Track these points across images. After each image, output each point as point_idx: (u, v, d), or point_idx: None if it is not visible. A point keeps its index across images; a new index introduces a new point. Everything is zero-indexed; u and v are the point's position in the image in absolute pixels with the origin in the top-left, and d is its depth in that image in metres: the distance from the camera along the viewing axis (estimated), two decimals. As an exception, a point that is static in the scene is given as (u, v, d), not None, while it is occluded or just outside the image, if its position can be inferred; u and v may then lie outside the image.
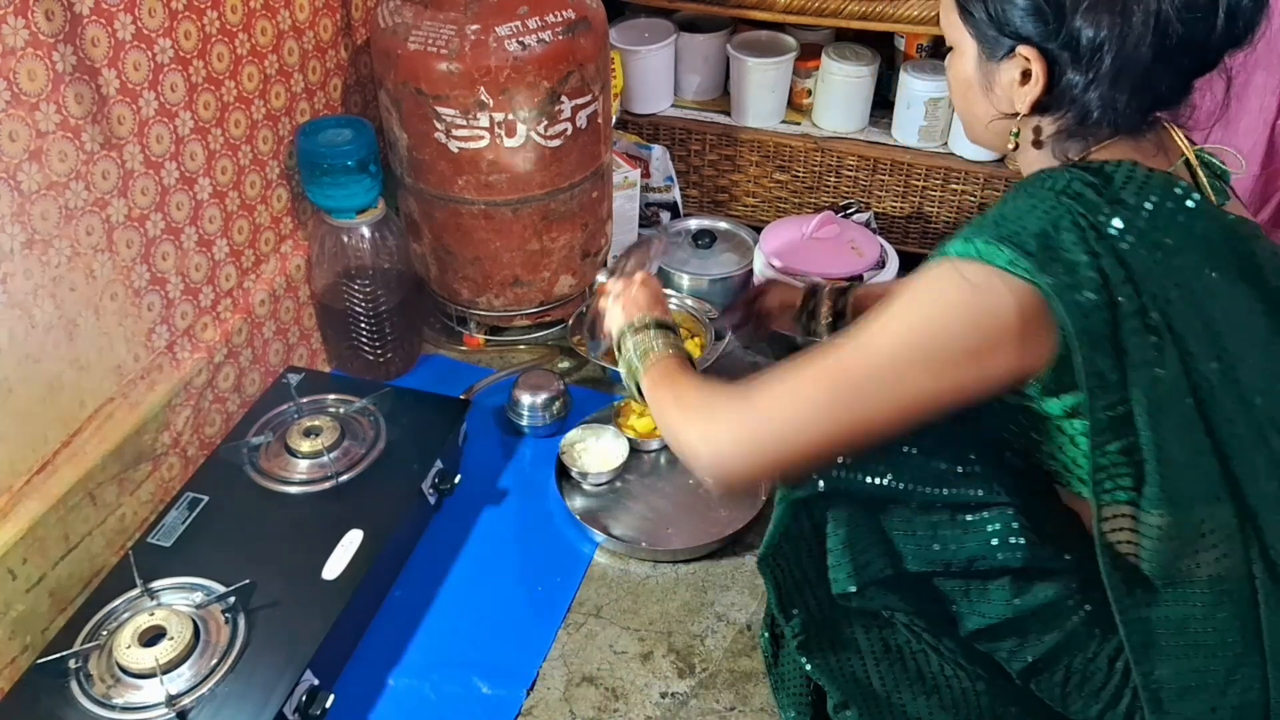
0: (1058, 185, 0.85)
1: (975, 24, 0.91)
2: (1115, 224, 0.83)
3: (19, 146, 1.09)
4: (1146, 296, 0.82)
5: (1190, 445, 0.85)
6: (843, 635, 1.07)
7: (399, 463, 1.38)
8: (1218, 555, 0.88)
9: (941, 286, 0.84)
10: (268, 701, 1.08)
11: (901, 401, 0.85)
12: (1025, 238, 0.82)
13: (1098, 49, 0.83)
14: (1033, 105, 0.90)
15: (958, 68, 0.97)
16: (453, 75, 1.45)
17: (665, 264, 1.86)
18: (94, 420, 1.28)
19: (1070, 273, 0.81)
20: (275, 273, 1.56)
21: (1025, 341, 0.83)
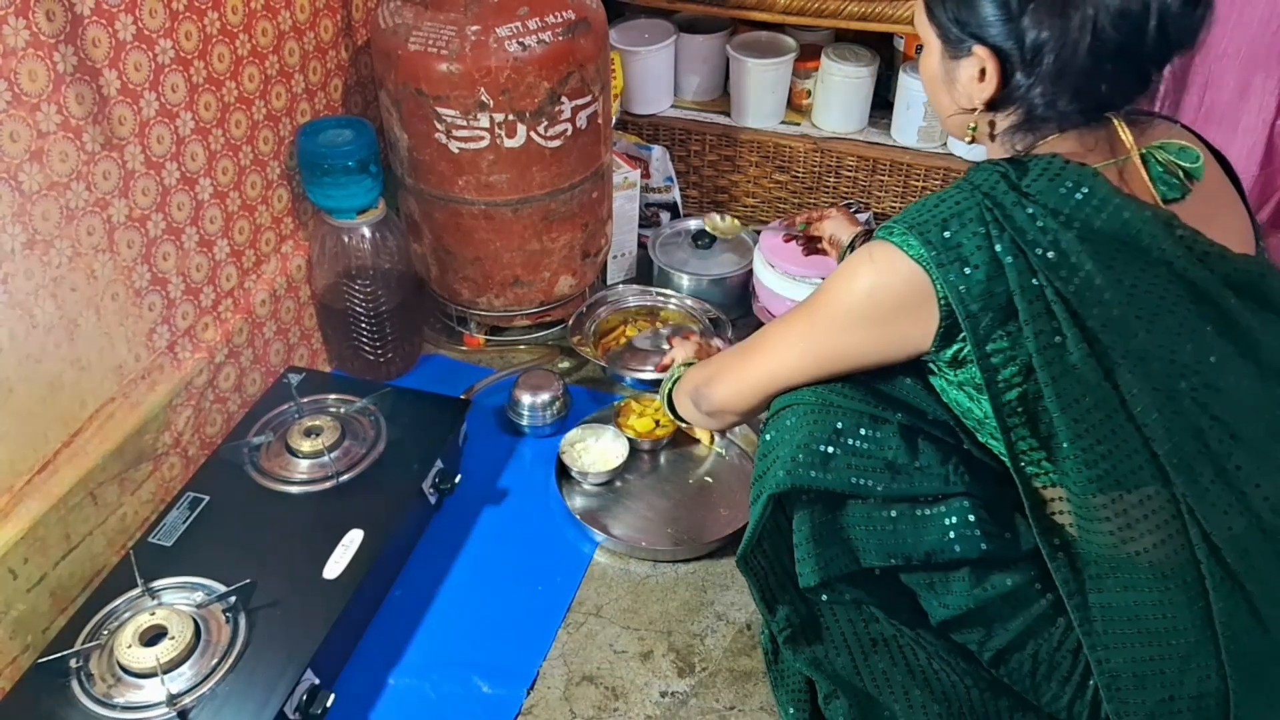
0: (976, 178, 0.94)
1: (939, 24, 0.99)
2: (1019, 217, 0.89)
3: (20, 147, 1.09)
4: (1046, 285, 0.89)
5: (1109, 429, 0.90)
6: (828, 629, 1.10)
7: (399, 463, 1.39)
8: (1157, 539, 0.91)
9: (854, 265, 0.98)
10: (268, 701, 1.09)
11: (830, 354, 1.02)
12: (928, 226, 0.92)
13: (1040, 50, 0.90)
14: (987, 101, 0.97)
15: (926, 64, 1.04)
16: (453, 76, 1.45)
17: (665, 264, 1.86)
18: (95, 420, 1.28)
19: (960, 256, 0.90)
20: (276, 273, 1.56)
21: (916, 313, 0.94)
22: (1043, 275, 0.88)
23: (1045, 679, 1.01)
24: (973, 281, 0.89)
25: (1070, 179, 0.90)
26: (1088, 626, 0.94)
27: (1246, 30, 1.38)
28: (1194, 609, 0.91)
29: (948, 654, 1.07)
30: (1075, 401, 0.89)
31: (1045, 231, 0.88)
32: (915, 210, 0.94)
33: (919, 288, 0.92)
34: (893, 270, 0.93)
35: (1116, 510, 0.91)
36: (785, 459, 1.01)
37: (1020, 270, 0.89)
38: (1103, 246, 0.88)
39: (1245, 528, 0.91)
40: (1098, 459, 0.90)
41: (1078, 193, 0.90)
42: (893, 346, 0.98)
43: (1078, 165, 0.91)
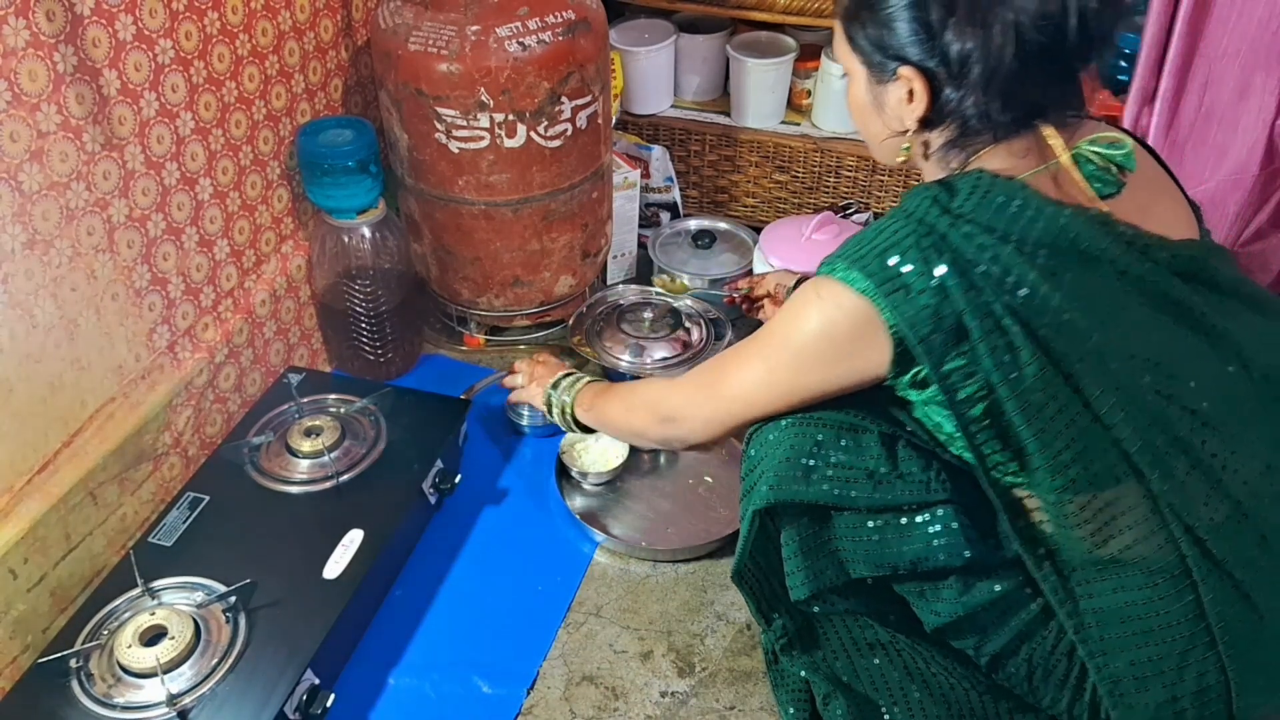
0: (910, 205, 0.93)
1: (861, 50, 0.99)
2: (954, 237, 0.90)
3: (20, 147, 1.09)
4: (992, 300, 0.88)
5: (1075, 434, 0.90)
6: (825, 636, 1.10)
7: (399, 463, 1.39)
8: (1138, 536, 0.92)
9: (802, 304, 0.98)
10: (268, 701, 1.09)
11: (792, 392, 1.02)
12: (869, 259, 0.92)
13: (965, 62, 0.90)
14: (919, 121, 0.97)
15: (852, 93, 1.04)
16: (453, 76, 1.45)
17: (665, 264, 1.86)
18: (95, 420, 1.28)
19: (903, 285, 0.90)
20: (276, 273, 1.56)
21: (868, 344, 0.94)
22: (988, 291, 0.88)
23: (1043, 682, 1.01)
24: (919, 307, 0.90)
25: (1000, 193, 0.90)
26: (1083, 633, 0.94)
27: (1246, 30, 1.38)
28: (1184, 603, 0.91)
29: (945, 658, 1.07)
30: (1038, 412, 0.89)
31: (984, 249, 0.89)
32: (854, 244, 0.94)
33: (868, 320, 0.92)
34: (839, 306, 0.94)
35: (1092, 512, 0.92)
36: (769, 475, 1.02)
37: (965, 290, 0.89)
38: (1043, 255, 0.89)
39: (1228, 515, 0.91)
40: (1067, 464, 0.90)
41: (1010, 206, 0.90)
42: (852, 378, 0.98)
43: (1005, 179, 0.91)
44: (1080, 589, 0.94)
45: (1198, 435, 0.91)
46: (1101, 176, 0.94)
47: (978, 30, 0.88)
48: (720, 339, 1.69)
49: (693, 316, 1.73)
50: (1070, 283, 0.89)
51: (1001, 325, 0.89)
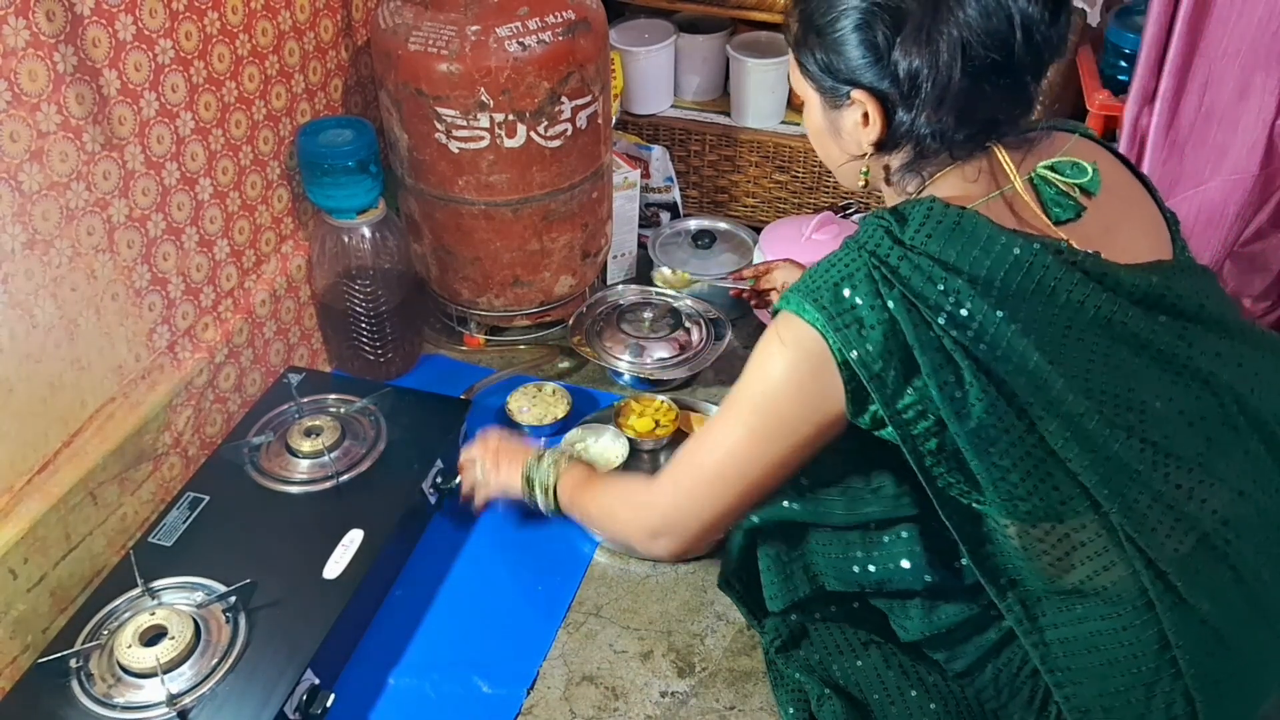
0: (862, 236, 0.92)
1: (813, 77, 0.98)
2: (903, 270, 0.88)
3: (20, 147, 1.09)
4: (941, 333, 0.87)
5: (1029, 467, 0.88)
6: (819, 636, 1.12)
7: (399, 463, 1.39)
8: (1098, 568, 0.90)
9: (767, 352, 0.96)
10: (268, 701, 1.09)
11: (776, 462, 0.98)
12: (821, 291, 0.91)
13: (915, 81, 0.88)
14: (876, 144, 0.96)
15: (809, 118, 1.04)
16: (453, 76, 1.45)
17: (665, 264, 1.86)
18: (95, 420, 1.28)
19: (856, 319, 0.89)
20: (276, 273, 1.56)
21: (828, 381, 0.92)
22: (937, 326, 0.87)
23: (1010, 700, 1.02)
24: (872, 342, 0.89)
25: (951, 224, 0.89)
26: (1049, 663, 0.93)
27: (1246, 30, 1.38)
28: (1149, 634, 0.90)
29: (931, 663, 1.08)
30: (990, 446, 0.88)
31: (934, 281, 0.87)
32: (809, 277, 0.94)
33: (824, 355, 0.91)
34: (799, 343, 0.93)
35: (1051, 543, 0.91)
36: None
37: (915, 324, 0.87)
38: (996, 288, 0.87)
39: (1194, 546, 0.89)
40: (1022, 496, 0.89)
41: (960, 237, 0.88)
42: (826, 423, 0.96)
43: (957, 209, 0.90)
44: (1044, 619, 0.93)
45: (1160, 467, 0.89)
46: (1060, 201, 0.92)
47: (924, 49, 0.87)
48: (720, 339, 1.69)
49: (693, 316, 1.73)
50: (1023, 316, 0.87)
51: (952, 359, 0.87)
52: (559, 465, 1.24)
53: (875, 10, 0.89)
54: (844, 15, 0.91)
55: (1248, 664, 0.93)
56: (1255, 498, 0.92)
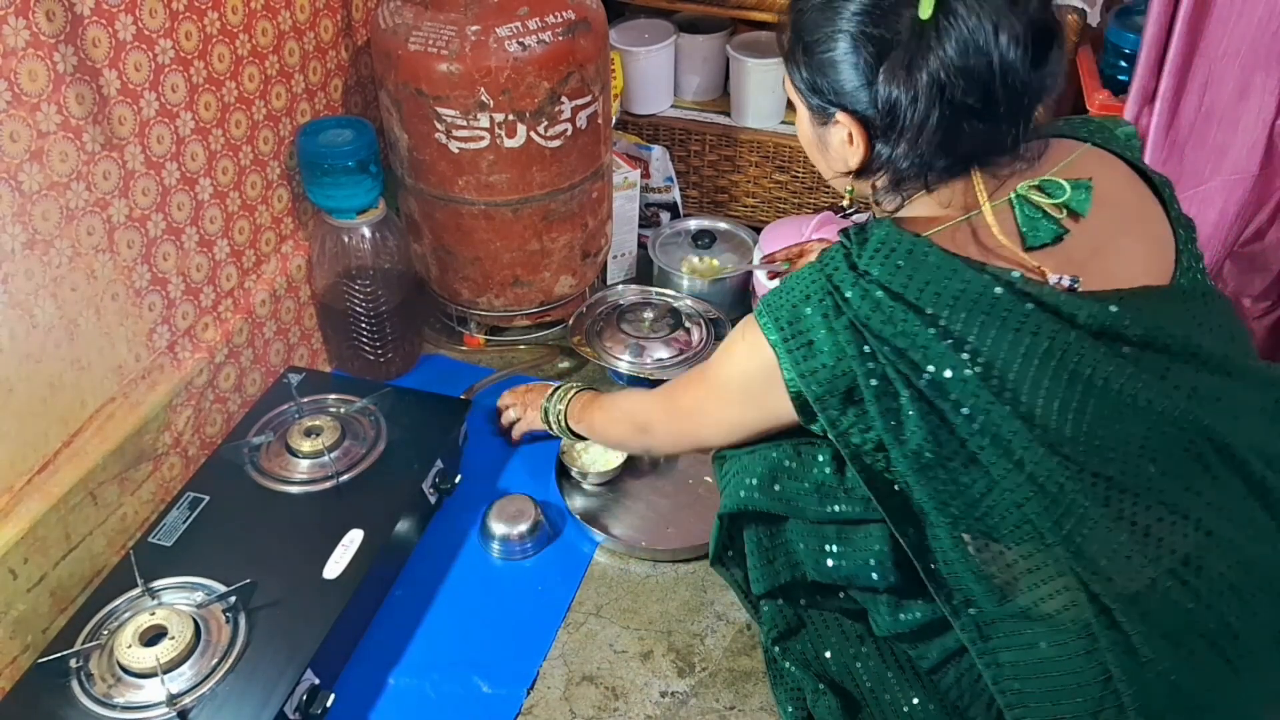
0: (825, 258, 0.94)
1: (801, 93, 0.98)
2: (851, 294, 0.89)
3: (20, 147, 1.09)
4: (885, 361, 0.88)
5: (973, 498, 0.88)
6: (815, 627, 1.14)
7: (399, 463, 1.39)
8: (1046, 594, 0.89)
9: (734, 343, 1.03)
10: (268, 701, 1.09)
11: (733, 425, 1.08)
12: (781, 308, 0.94)
13: (893, 111, 0.88)
14: (860, 165, 0.97)
15: (800, 128, 1.04)
16: (453, 76, 1.45)
17: (665, 264, 1.86)
18: (95, 420, 1.28)
19: (806, 339, 0.92)
20: (276, 273, 1.56)
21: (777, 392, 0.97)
22: (881, 355, 0.88)
23: (971, 699, 1.02)
24: (817, 365, 0.92)
25: (903, 253, 0.89)
26: (1000, 684, 0.93)
27: (1246, 30, 1.38)
28: (1093, 665, 0.89)
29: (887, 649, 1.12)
30: (930, 474, 0.89)
31: (880, 309, 0.88)
32: (778, 291, 0.96)
33: (773, 370, 0.96)
34: (755, 352, 0.97)
35: (1001, 564, 0.90)
36: (733, 485, 1.09)
37: (859, 350, 0.89)
38: (940, 317, 0.86)
39: (1148, 584, 0.87)
40: (962, 520, 0.89)
41: (909, 267, 0.88)
42: (779, 420, 1.02)
43: (911, 236, 0.89)
44: (997, 640, 0.93)
45: (1112, 503, 0.86)
46: (1038, 223, 0.90)
47: (904, 82, 0.86)
48: (720, 339, 1.69)
49: (692, 316, 1.73)
50: (973, 344, 0.86)
51: (893, 388, 0.89)
52: (566, 396, 1.41)
53: (863, 36, 0.89)
54: (834, 37, 0.91)
55: (1204, 703, 0.89)
56: (1226, 536, 0.88)
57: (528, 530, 1.41)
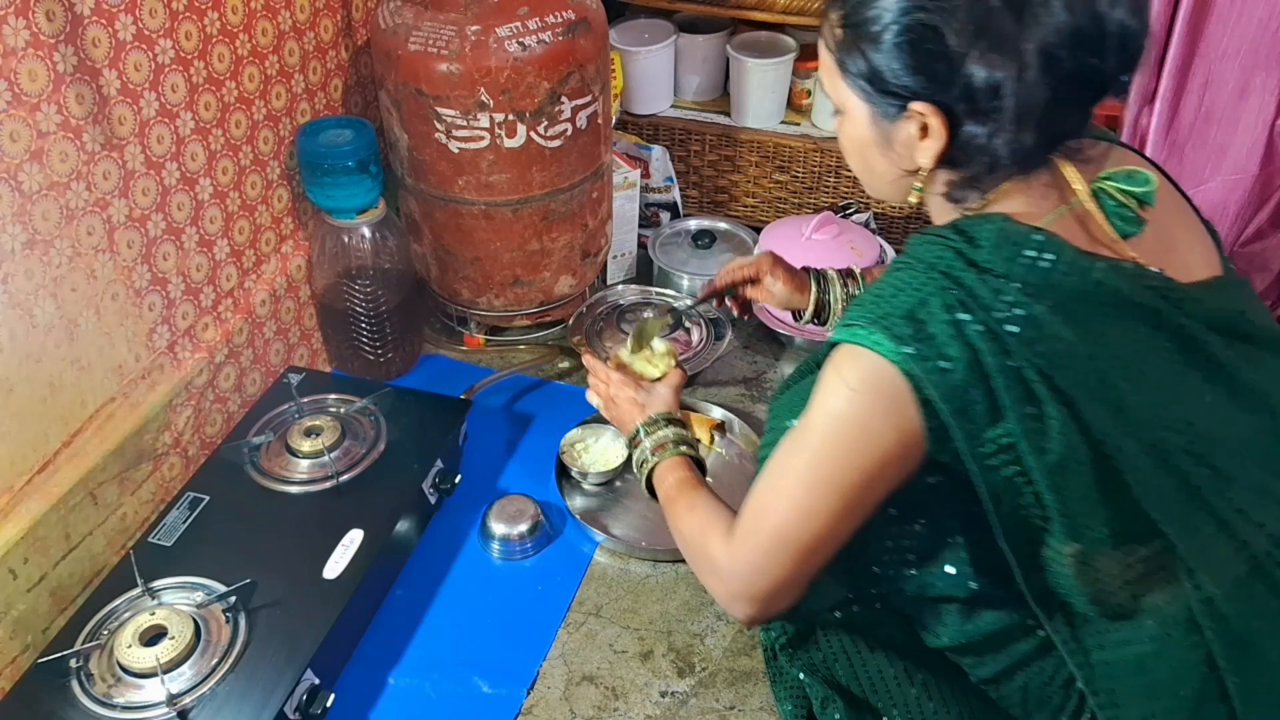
0: (928, 256, 0.86)
1: (859, 86, 0.90)
2: (984, 297, 0.82)
3: (20, 147, 1.09)
4: (1024, 365, 0.81)
5: (1100, 499, 0.84)
6: (825, 635, 1.09)
7: (399, 463, 1.39)
8: (1150, 588, 0.87)
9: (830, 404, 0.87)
10: (268, 701, 1.09)
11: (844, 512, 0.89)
12: (894, 319, 0.83)
13: (996, 94, 0.81)
14: (936, 159, 0.89)
15: (850, 131, 0.95)
16: (453, 76, 1.45)
17: (665, 264, 1.86)
18: (95, 420, 1.28)
19: (936, 350, 0.82)
20: (276, 273, 1.56)
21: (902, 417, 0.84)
22: (1018, 355, 0.81)
23: (1036, 708, 0.99)
24: (956, 374, 0.82)
25: (1030, 246, 0.83)
26: (1093, 684, 0.90)
27: (1246, 30, 1.38)
28: (1197, 656, 0.88)
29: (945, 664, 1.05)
30: (1065, 477, 0.83)
31: (1014, 306, 0.82)
32: (873, 302, 0.86)
33: (897, 390, 0.83)
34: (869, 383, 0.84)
35: (1111, 568, 0.87)
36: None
37: (995, 353, 0.81)
38: (1077, 312, 0.83)
39: (1247, 569, 0.87)
40: (1090, 526, 0.85)
41: (1040, 260, 0.83)
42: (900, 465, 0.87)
43: (1029, 228, 0.85)
44: (1091, 640, 0.90)
45: (1223, 492, 0.86)
46: (1122, 214, 0.87)
47: (1008, 57, 0.80)
48: (720, 339, 1.69)
49: (692, 316, 1.73)
50: (1105, 340, 0.83)
51: (1032, 390, 0.81)
52: (662, 451, 1.17)
53: (946, 13, 0.81)
54: (906, 17, 0.83)
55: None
56: None
57: (528, 530, 1.41)
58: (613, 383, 1.26)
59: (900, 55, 0.85)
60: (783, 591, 0.95)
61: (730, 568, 0.98)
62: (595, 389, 1.30)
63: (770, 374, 1.71)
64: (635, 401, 1.23)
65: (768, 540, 0.93)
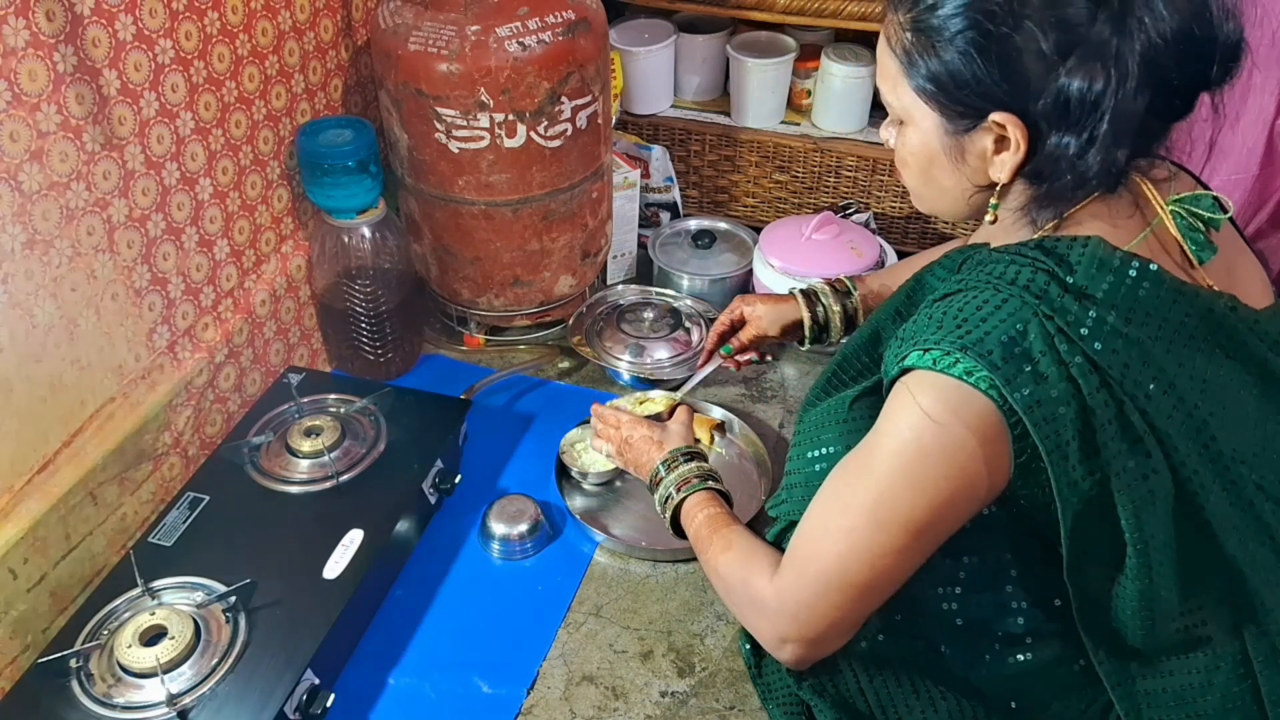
0: (1020, 279, 0.80)
1: (932, 94, 0.84)
2: (1084, 325, 0.78)
3: (20, 147, 1.09)
4: (1125, 399, 0.78)
5: (1177, 534, 0.81)
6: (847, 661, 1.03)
7: (399, 462, 1.39)
8: (1203, 619, 0.85)
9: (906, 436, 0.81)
10: (268, 701, 1.08)
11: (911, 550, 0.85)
12: (990, 344, 0.78)
13: (1092, 105, 0.76)
14: (1014, 173, 0.83)
15: (915, 142, 0.89)
16: (453, 76, 1.45)
17: (665, 264, 1.86)
18: (95, 420, 1.28)
19: (1039, 383, 0.76)
20: (276, 273, 1.56)
21: (994, 459, 0.80)
22: (1118, 386, 0.77)
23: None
24: (1061, 406, 0.76)
25: (1128, 272, 0.78)
26: (1135, 715, 0.87)
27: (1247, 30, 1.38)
28: (1242, 688, 0.86)
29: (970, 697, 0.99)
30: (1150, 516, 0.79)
31: (1116, 335, 0.77)
32: (956, 327, 0.79)
33: (992, 425, 0.78)
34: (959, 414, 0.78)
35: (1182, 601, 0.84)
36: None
37: (1097, 387, 0.76)
38: (1176, 344, 0.79)
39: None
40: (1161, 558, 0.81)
41: (1139, 288, 0.78)
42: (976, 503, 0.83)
43: (1125, 253, 0.80)
44: (1136, 669, 0.86)
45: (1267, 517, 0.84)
46: (1194, 238, 0.83)
47: (1108, 68, 0.74)
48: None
49: (693, 316, 1.73)
50: (1196, 374, 0.79)
51: (1131, 426, 0.77)
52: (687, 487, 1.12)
53: (1034, 13, 0.76)
54: (990, 21, 0.77)
55: None
56: None
57: (528, 530, 1.41)
58: (624, 424, 1.21)
59: (982, 61, 0.79)
60: (835, 632, 0.91)
61: (779, 608, 0.93)
62: (604, 435, 1.26)
63: (770, 374, 1.71)
64: (651, 439, 1.18)
65: (822, 579, 0.88)
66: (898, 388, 0.83)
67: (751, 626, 1.00)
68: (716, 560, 1.04)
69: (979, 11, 0.78)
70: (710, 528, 1.06)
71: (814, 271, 1.66)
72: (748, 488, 1.50)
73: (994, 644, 0.93)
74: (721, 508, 1.10)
